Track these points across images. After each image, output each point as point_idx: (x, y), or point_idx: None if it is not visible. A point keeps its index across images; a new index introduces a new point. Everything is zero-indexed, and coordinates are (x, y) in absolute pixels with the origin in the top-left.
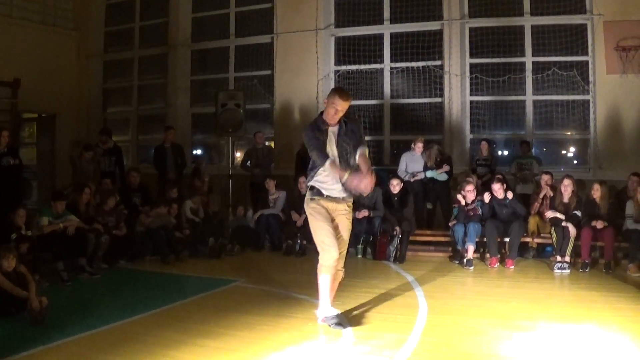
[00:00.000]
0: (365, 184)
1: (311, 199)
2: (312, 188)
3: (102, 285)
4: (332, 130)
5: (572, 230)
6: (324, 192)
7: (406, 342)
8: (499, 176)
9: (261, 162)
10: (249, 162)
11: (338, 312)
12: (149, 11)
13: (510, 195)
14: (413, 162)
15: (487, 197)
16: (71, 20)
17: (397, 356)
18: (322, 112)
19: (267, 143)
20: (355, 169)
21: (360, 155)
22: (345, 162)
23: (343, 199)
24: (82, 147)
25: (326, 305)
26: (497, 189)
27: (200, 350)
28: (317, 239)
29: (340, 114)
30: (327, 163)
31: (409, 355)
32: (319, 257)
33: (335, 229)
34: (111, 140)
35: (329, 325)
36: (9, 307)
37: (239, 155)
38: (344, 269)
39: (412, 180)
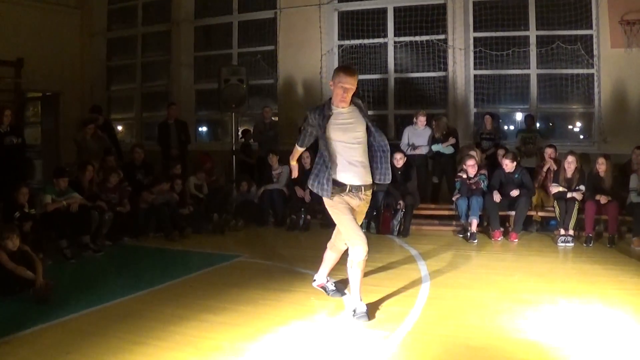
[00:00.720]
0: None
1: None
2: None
3: (105, 262)
4: (344, 113)
5: (579, 196)
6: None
7: (408, 314)
8: (510, 151)
9: (267, 136)
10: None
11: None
12: None
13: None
14: (416, 136)
15: (497, 197)
16: None
17: (400, 329)
18: (330, 98)
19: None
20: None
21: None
22: (378, 144)
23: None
24: (81, 123)
25: (358, 298)
26: (508, 163)
27: (203, 325)
28: (344, 233)
29: (351, 92)
30: (296, 146)
31: (411, 327)
32: (349, 252)
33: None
34: (101, 117)
35: (354, 317)
36: (13, 286)
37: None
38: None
39: (413, 152)
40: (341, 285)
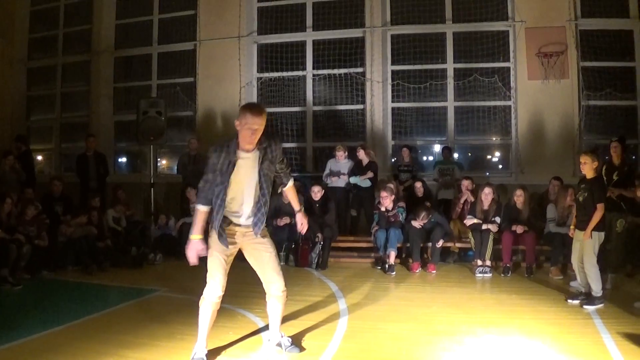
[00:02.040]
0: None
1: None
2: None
3: (24, 296)
4: (249, 157)
5: (494, 228)
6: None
7: (327, 348)
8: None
9: (192, 168)
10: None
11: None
12: (73, 18)
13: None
14: (338, 169)
15: (417, 224)
16: None
17: None
18: (237, 135)
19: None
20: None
21: (288, 189)
22: (263, 195)
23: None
24: (1, 154)
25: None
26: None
27: None
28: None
29: (259, 134)
30: (198, 207)
31: None
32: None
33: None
34: (24, 147)
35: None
36: None
37: (164, 162)
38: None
39: (338, 178)
40: (297, 341)
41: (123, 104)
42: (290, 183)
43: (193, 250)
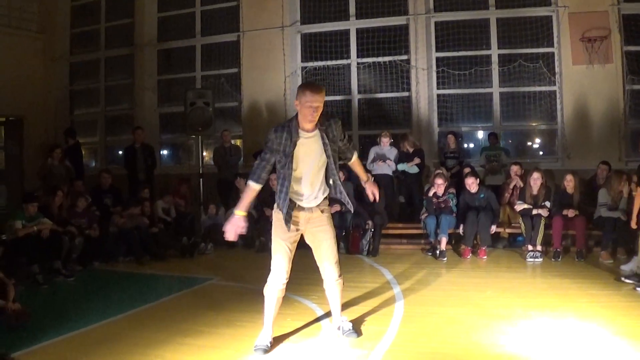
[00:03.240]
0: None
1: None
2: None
3: (77, 287)
4: (311, 137)
5: (544, 213)
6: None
7: (385, 333)
8: (469, 169)
9: (229, 160)
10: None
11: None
12: (115, 12)
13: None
14: (382, 153)
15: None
16: (36, 23)
17: (378, 347)
18: (296, 115)
19: (233, 141)
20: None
21: (354, 162)
22: (333, 175)
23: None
24: (49, 148)
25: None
26: (471, 183)
27: (182, 348)
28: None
29: (319, 112)
30: (250, 183)
31: (389, 346)
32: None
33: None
34: (72, 140)
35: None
36: None
37: (206, 154)
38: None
39: (384, 162)
40: (356, 325)
41: (166, 96)
42: (355, 156)
43: (234, 225)
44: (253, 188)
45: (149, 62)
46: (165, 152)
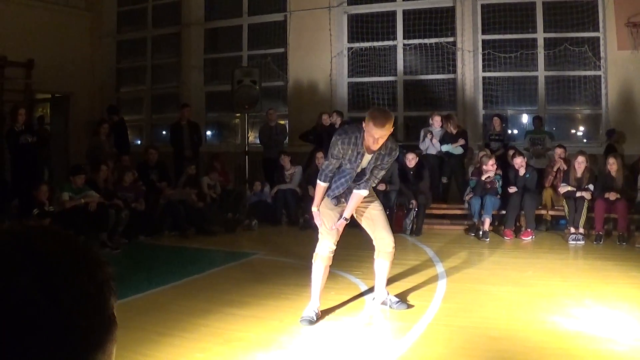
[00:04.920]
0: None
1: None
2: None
3: (124, 259)
4: (367, 155)
5: (588, 195)
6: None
7: (428, 308)
8: (514, 151)
9: (274, 138)
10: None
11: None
12: None
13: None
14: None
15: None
16: (84, 0)
17: (421, 321)
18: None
19: (280, 121)
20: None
21: (359, 194)
22: (356, 185)
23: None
24: (97, 123)
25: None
26: (520, 162)
27: (227, 318)
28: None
29: (381, 142)
30: (320, 183)
31: (431, 319)
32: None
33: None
34: (116, 117)
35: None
36: None
37: (250, 133)
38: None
39: (432, 141)
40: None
41: (212, 75)
42: (364, 193)
43: (317, 218)
44: (323, 186)
45: (195, 41)
46: (209, 132)
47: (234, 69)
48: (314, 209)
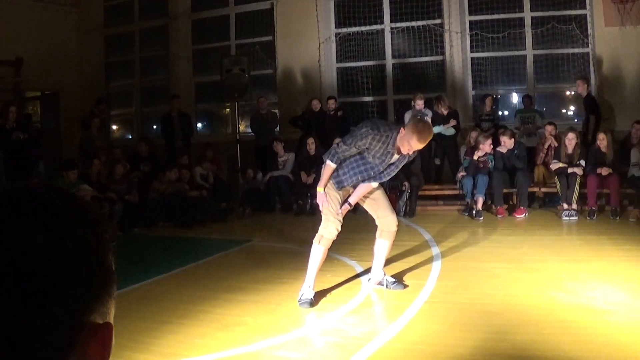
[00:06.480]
0: (323, 206)
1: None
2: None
3: (119, 251)
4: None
5: (579, 171)
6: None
7: (424, 286)
8: (507, 129)
9: (265, 126)
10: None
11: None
12: None
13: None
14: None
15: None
16: None
17: (418, 298)
18: (397, 132)
19: (272, 110)
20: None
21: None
22: (376, 176)
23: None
24: (88, 116)
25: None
26: (506, 140)
27: (225, 303)
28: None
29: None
30: (330, 164)
31: (427, 297)
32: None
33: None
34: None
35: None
36: None
37: (241, 123)
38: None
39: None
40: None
41: (201, 65)
42: (375, 185)
43: (320, 200)
44: (332, 167)
45: (183, 32)
46: (200, 124)
47: (222, 57)
48: (319, 189)
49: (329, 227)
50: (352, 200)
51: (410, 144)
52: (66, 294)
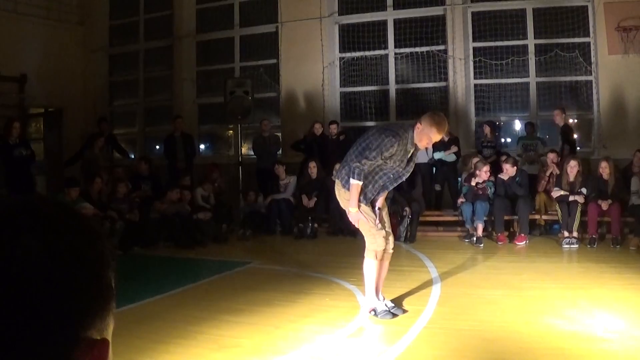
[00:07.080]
0: (359, 223)
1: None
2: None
3: (118, 270)
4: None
5: (581, 199)
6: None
7: (423, 312)
8: (510, 156)
9: (268, 149)
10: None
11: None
12: (154, 4)
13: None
14: None
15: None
16: (76, 14)
17: (416, 324)
18: (412, 128)
19: (275, 133)
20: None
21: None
22: (397, 178)
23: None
24: (91, 137)
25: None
26: (508, 168)
27: (222, 324)
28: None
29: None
30: (357, 182)
31: (426, 323)
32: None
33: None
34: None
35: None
36: None
37: (244, 145)
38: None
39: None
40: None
41: (205, 87)
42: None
43: (355, 218)
44: (360, 184)
45: (187, 53)
46: (202, 146)
47: (226, 79)
48: (352, 209)
49: (377, 241)
50: (379, 205)
51: (430, 136)
52: (63, 308)
